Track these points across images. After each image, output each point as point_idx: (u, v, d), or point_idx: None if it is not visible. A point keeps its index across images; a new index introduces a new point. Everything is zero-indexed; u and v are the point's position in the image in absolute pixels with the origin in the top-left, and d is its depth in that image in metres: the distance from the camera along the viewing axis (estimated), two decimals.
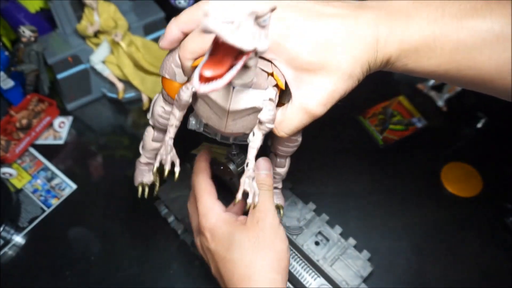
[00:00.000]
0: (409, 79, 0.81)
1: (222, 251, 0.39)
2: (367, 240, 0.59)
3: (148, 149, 0.45)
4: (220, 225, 0.40)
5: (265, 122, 0.33)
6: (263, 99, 0.32)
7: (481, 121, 0.74)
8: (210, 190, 0.43)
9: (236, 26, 0.21)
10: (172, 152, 0.36)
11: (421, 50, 0.32)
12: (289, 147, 0.43)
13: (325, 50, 0.32)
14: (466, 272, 0.57)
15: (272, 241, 0.40)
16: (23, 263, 0.58)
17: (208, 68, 0.24)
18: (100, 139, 0.72)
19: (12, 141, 0.68)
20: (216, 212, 0.41)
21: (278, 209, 0.48)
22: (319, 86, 0.33)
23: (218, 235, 0.40)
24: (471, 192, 0.64)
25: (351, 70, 0.32)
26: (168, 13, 0.78)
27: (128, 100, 0.76)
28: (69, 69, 0.72)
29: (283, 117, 0.35)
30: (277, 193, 0.49)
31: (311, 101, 0.33)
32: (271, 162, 0.45)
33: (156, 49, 0.76)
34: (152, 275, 0.56)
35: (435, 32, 0.32)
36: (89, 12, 0.68)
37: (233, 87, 0.31)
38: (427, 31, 0.32)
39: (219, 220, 0.41)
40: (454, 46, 0.32)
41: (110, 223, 0.62)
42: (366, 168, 0.68)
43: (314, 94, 0.33)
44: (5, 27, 0.74)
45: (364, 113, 0.74)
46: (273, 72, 0.34)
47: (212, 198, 0.42)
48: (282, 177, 0.48)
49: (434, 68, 0.33)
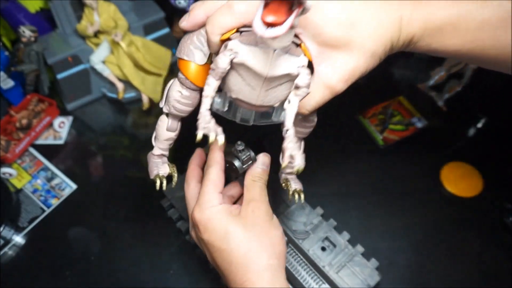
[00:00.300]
0: (409, 79, 0.81)
1: (216, 241, 0.40)
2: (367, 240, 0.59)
3: (162, 139, 0.44)
4: (213, 217, 0.40)
5: (302, 87, 0.33)
6: (298, 65, 0.32)
7: (481, 121, 0.74)
8: (217, 183, 0.42)
9: None
10: (212, 120, 0.34)
11: (445, 30, 0.33)
12: (306, 127, 0.43)
13: (350, 27, 0.32)
14: (466, 272, 0.57)
15: (267, 228, 0.40)
16: (23, 263, 0.58)
17: (269, 14, 0.25)
18: (100, 139, 0.72)
19: (12, 141, 0.68)
20: (213, 205, 0.41)
21: (298, 194, 0.48)
22: (342, 62, 0.33)
23: (211, 227, 0.40)
24: (471, 192, 0.64)
25: (375, 49, 0.33)
26: (168, 13, 0.78)
27: (128, 100, 0.76)
28: (69, 69, 0.72)
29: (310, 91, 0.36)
30: (293, 178, 0.49)
31: (333, 77, 0.34)
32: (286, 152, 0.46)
33: (156, 49, 0.76)
34: (152, 276, 0.56)
35: (460, 11, 0.32)
36: (89, 12, 0.68)
37: (274, 50, 0.31)
38: (451, 10, 0.32)
39: (213, 213, 0.41)
40: (479, 25, 0.32)
41: (110, 223, 0.62)
42: (366, 168, 0.68)
43: (336, 70, 0.34)
44: (5, 27, 0.74)
45: (364, 113, 0.74)
46: (301, 44, 0.34)
47: (215, 191, 0.42)
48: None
49: (458, 47, 0.34)
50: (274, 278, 0.38)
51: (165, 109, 0.42)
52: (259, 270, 0.38)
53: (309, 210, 0.57)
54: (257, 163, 0.45)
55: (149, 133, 0.73)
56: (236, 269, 0.38)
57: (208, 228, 0.40)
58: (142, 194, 0.65)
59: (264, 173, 0.44)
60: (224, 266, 0.39)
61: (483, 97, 0.78)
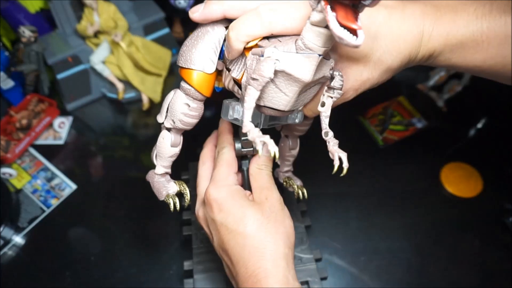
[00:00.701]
0: (409, 80, 0.81)
1: (232, 223, 0.37)
2: (368, 240, 0.59)
3: (166, 157, 0.41)
4: (230, 197, 0.38)
5: (337, 89, 0.34)
6: (330, 68, 0.32)
7: (481, 121, 0.74)
8: (232, 163, 0.41)
9: None
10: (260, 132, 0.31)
11: (467, 45, 0.33)
12: (306, 125, 0.44)
13: (373, 39, 0.33)
14: (466, 272, 0.57)
15: (282, 217, 0.39)
16: (23, 263, 0.58)
17: (345, 19, 0.24)
18: (100, 139, 0.72)
19: (12, 141, 0.68)
20: (229, 184, 0.40)
21: (302, 190, 0.48)
22: (357, 73, 0.34)
23: (227, 208, 0.38)
24: (471, 193, 0.64)
25: (391, 64, 0.33)
26: (168, 13, 0.78)
27: (128, 100, 0.76)
28: (69, 69, 0.72)
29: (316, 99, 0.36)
30: (294, 178, 0.50)
31: (344, 85, 0.34)
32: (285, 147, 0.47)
33: (156, 49, 0.76)
34: (151, 276, 0.56)
35: (483, 27, 0.32)
36: (89, 12, 0.68)
37: (319, 55, 0.30)
38: (474, 26, 0.32)
39: (230, 192, 0.39)
40: (502, 41, 0.32)
41: (110, 223, 0.62)
42: (366, 168, 0.68)
43: (349, 79, 0.34)
44: (5, 27, 0.75)
45: (364, 113, 0.74)
46: None
47: (231, 170, 0.41)
48: (293, 159, 0.49)
49: (479, 63, 0.33)
50: (288, 268, 0.36)
51: (167, 124, 0.39)
52: (276, 258, 0.36)
53: (307, 247, 0.54)
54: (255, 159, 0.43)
55: (149, 133, 0.73)
56: (250, 254, 0.36)
57: (224, 208, 0.38)
58: (142, 194, 0.65)
59: (268, 160, 0.42)
60: (236, 250, 0.37)
61: (483, 97, 0.78)
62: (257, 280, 0.35)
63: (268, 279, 0.34)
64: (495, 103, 0.77)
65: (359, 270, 0.57)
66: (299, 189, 0.48)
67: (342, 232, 0.60)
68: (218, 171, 0.41)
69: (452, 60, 0.34)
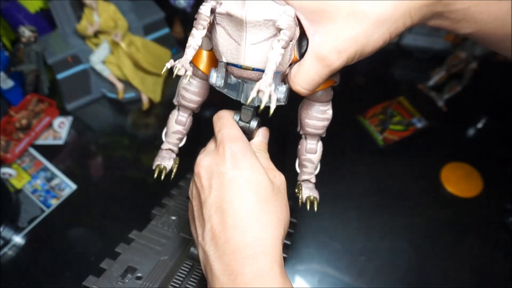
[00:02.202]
0: (409, 80, 0.81)
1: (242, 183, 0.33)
2: (367, 240, 0.59)
3: (170, 132, 0.44)
4: (249, 155, 0.35)
5: (283, 29, 0.30)
6: (280, 12, 0.30)
7: (481, 121, 0.74)
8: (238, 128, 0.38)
9: None
10: (187, 62, 0.33)
11: None
12: (318, 119, 0.40)
13: None
14: (466, 272, 0.57)
15: (286, 200, 0.36)
16: (23, 263, 0.58)
17: None
18: (100, 139, 0.72)
19: (12, 141, 0.68)
20: (246, 141, 0.36)
21: (311, 202, 0.43)
22: (337, 30, 0.28)
23: (244, 167, 0.34)
24: (471, 193, 0.64)
25: (380, 13, 0.27)
26: (168, 13, 0.78)
27: (128, 100, 0.76)
28: (69, 69, 0.72)
29: (298, 68, 0.31)
30: (310, 187, 0.45)
31: (324, 46, 0.29)
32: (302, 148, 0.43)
33: (156, 49, 0.76)
34: None
35: None
36: (89, 12, 0.68)
37: None
38: None
39: (249, 150, 0.35)
40: None
41: (110, 223, 0.61)
42: (366, 168, 0.68)
43: (329, 38, 0.28)
44: (5, 27, 0.74)
45: (364, 113, 0.74)
46: None
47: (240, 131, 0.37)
48: (315, 167, 0.45)
49: (504, 15, 0.27)
50: (280, 252, 0.32)
51: (175, 102, 0.42)
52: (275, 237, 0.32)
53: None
54: (258, 135, 0.41)
55: (149, 133, 0.73)
56: (252, 222, 0.32)
57: (240, 165, 0.33)
58: (142, 194, 0.65)
59: (263, 143, 0.40)
60: (238, 213, 0.32)
61: (483, 97, 0.78)
62: (253, 252, 0.31)
63: (266, 256, 0.31)
64: (495, 103, 0.77)
65: (359, 270, 0.57)
66: (309, 200, 0.43)
67: (342, 232, 0.60)
68: (232, 129, 0.37)
69: (471, 9, 0.27)
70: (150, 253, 0.50)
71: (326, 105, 0.40)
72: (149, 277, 0.47)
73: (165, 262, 0.49)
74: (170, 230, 0.54)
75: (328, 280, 0.55)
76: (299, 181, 0.45)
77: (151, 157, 0.69)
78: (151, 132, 0.73)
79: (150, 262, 0.49)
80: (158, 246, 0.51)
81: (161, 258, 0.50)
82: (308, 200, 0.43)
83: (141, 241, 0.52)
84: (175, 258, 0.50)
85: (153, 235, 0.53)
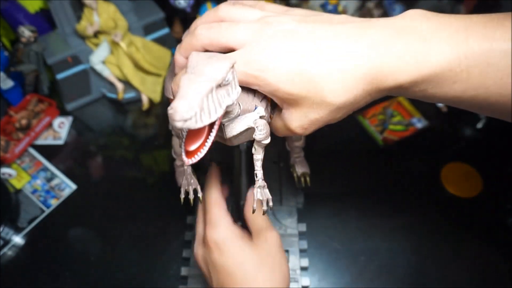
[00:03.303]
0: None
1: (232, 267, 0.39)
2: (367, 240, 0.59)
3: (180, 154, 0.49)
4: (230, 239, 0.40)
5: (260, 140, 0.35)
6: (253, 119, 0.33)
7: (481, 121, 0.74)
8: (220, 203, 0.42)
9: (199, 113, 0.25)
10: (193, 179, 0.39)
11: (442, 76, 0.28)
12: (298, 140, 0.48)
13: (307, 82, 0.30)
14: (466, 272, 0.57)
15: (279, 259, 0.41)
16: (22, 264, 0.58)
17: (189, 144, 0.28)
18: (100, 139, 0.72)
19: (12, 141, 0.68)
20: (225, 225, 0.41)
21: (305, 176, 0.52)
22: (301, 114, 0.32)
23: (227, 251, 0.39)
24: (471, 193, 0.64)
25: (341, 103, 0.30)
26: (168, 13, 0.78)
27: (128, 100, 0.76)
28: (69, 69, 0.72)
29: (275, 124, 0.36)
30: (300, 162, 0.53)
31: (292, 123, 0.33)
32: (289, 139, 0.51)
33: (156, 49, 0.76)
34: (152, 276, 0.56)
35: (460, 55, 0.28)
36: (88, 12, 0.68)
37: (223, 124, 0.32)
38: (450, 55, 0.28)
39: (229, 234, 0.40)
40: (484, 70, 0.27)
41: (110, 223, 0.61)
42: (366, 169, 0.68)
43: (295, 118, 0.33)
44: (5, 27, 0.74)
45: (364, 113, 0.74)
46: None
47: (222, 210, 0.42)
48: (301, 147, 0.53)
49: (459, 94, 0.29)
50: None
51: (173, 132, 0.46)
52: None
53: (294, 220, 0.57)
54: (248, 201, 0.45)
55: (149, 133, 0.73)
56: None
57: (224, 251, 0.39)
58: (142, 194, 0.65)
59: (258, 209, 0.42)
60: None
61: None
62: None
63: None
64: None
65: (359, 270, 0.57)
66: (303, 176, 0.52)
67: (342, 232, 0.60)
68: (211, 214, 0.42)
69: (428, 91, 0.30)
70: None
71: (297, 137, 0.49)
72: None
73: None
74: None
75: (328, 280, 0.55)
76: (292, 162, 0.54)
77: (151, 157, 0.70)
78: (151, 132, 0.73)
79: None
80: None
81: None
82: (302, 176, 0.52)
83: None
84: None
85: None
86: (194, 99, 0.25)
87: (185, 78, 0.26)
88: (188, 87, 0.25)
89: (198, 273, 0.52)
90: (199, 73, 0.27)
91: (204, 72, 0.27)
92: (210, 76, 0.26)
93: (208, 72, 0.27)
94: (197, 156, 0.28)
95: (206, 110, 0.26)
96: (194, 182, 0.39)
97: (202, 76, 0.27)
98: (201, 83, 0.26)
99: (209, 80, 0.26)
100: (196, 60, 0.28)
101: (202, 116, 0.25)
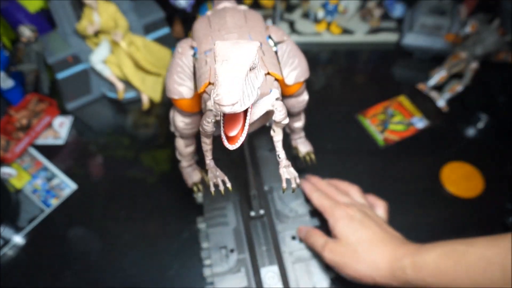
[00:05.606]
0: (409, 79, 0.81)
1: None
2: None
3: (185, 155, 0.52)
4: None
5: (280, 121, 0.37)
6: (271, 102, 0.36)
7: (482, 121, 0.74)
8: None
9: (242, 97, 0.27)
10: (218, 171, 0.40)
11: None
12: (298, 107, 0.49)
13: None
14: None
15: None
16: (23, 263, 0.58)
17: (230, 130, 0.30)
18: (100, 139, 0.72)
19: (12, 141, 0.68)
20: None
21: (309, 155, 0.56)
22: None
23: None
24: (472, 193, 0.64)
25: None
26: (168, 13, 0.78)
27: (128, 100, 0.76)
28: (69, 68, 0.72)
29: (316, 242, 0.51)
30: (303, 142, 0.56)
31: (327, 254, 0.50)
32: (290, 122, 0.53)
33: (156, 49, 0.76)
34: (152, 276, 0.56)
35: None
36: (89, 11, 0.68)
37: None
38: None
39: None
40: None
41: (110, 223, 0.61)
42: (366, 168, 0.68)
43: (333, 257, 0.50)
44: (5, 27, 0.74)
45: (364, 113, 0.74)
46: (269, 71, 0.38)
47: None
48: (301, 128, 0.55)
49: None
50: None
51: (176, 134, 0.49)
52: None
53: (302, 202, 0.58)
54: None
55: (149, 133, 0.73)
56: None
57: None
58: (142, 194, 0.65)
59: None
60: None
61: (483, 97, 0.77)
62: None
63: None
64: (496, 103, 0.77)
65: None
66: (307, 155, 0.55)
67: None
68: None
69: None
70: (224, 230, 0.55)
71: (301, 95, 0.48)
72: (238, 247, 0.53)
73: (237, 229, 0.55)
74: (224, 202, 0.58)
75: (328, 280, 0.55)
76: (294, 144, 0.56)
77: (151, 157, 0.69)
78: (151, 132, 0.73)
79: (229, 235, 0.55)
80: (224, 218, 0.56)
81: (232, 227, 0.55)
82: (307, 155, 0.55)
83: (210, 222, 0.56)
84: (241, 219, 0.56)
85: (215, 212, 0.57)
86: (235, 83, 0.27)
87: (219, 66, 0.28)
88: (227, 74, 0.27)
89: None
90: (231, 60, 0.28)
91: (236, 58, 0.28)
92: (242, 61, 0.28)
93: (240, 57, 0.28)
94: (239, 141, 0.30)
95: (246, 93, 0.28)
96: (220, 173, 0.40)
97: (235, 61, 0.28)
98: (237, 68, 0.28)
99: (242, 64, 0.28)
100: (223, 48, 0.29)
101: (244, 99, 0.27)
